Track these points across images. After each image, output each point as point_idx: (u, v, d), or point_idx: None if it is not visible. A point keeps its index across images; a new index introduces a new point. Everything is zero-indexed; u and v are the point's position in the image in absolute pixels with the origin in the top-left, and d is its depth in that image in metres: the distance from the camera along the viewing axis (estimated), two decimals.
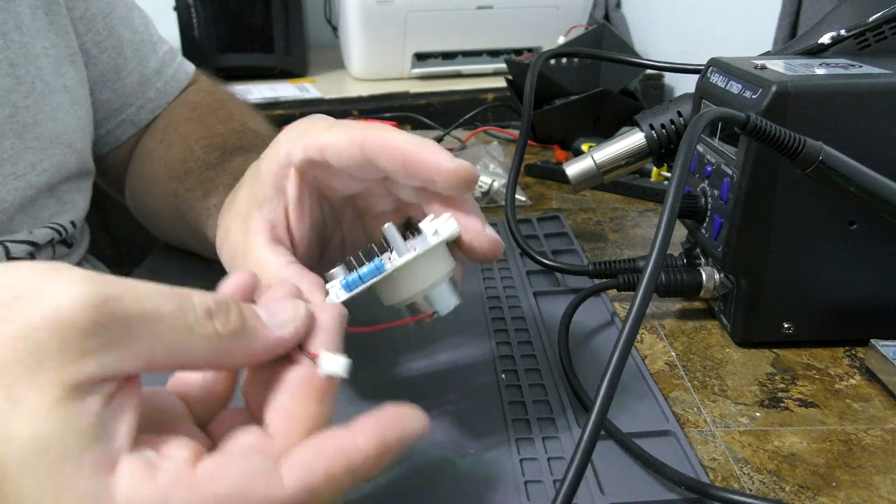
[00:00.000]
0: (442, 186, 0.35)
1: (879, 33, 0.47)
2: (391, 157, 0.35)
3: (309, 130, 0.38)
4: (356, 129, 0.36)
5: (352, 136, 0.36)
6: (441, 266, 0.35)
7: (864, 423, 0.39)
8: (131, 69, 0.62)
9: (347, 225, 0.42)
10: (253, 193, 0.39)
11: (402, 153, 0.35)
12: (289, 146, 0.38)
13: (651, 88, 1.40)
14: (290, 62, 1.48)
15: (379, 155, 0.35)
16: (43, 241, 0.53)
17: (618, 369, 0.30)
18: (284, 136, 0.39)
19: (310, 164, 0.38)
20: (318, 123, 0.38)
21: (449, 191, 0.35)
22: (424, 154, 0.34)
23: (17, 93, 0.50)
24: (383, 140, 0.35)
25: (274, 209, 0.38)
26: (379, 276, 0.33)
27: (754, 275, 0.44)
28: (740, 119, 0.37)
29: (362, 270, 0.33)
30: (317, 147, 0.37)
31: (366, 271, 0.33)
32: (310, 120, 0.39)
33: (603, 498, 0.33)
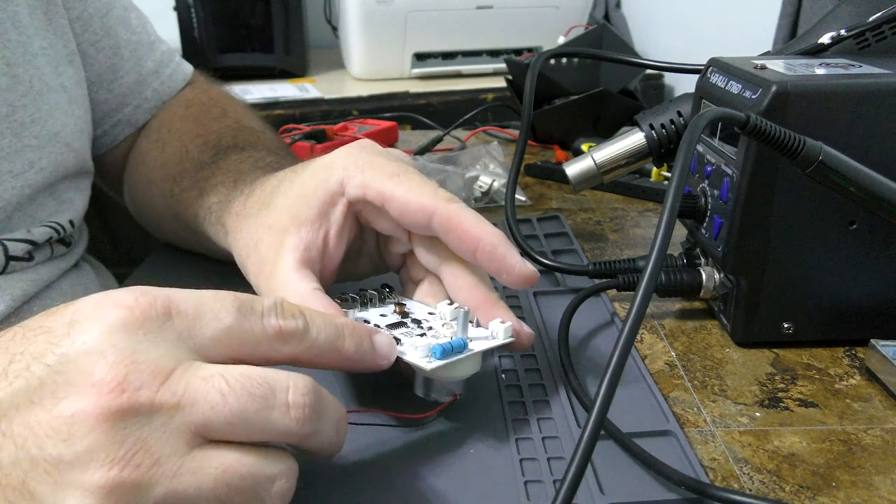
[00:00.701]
0: (506, 282, 0.38)
1: (879, 33, 0.47)
2: (462, 241, 0.37)
3: (371, 168, 0.39)
4: (426, 192, 0.38)
5: (423, 203, 0.37)
6: (479, 364, 0.38)
7: (864, 423, 0.39)
8: (128, 69, 0.62)
9: (365, 238, 0.43)
10: (294, 209, 0.40)
11: (475, 242, 0.37)
12: (344, 175, 0.39)
13: (651, 88, 1.40)
14: (290, 62, 1.48)
15: (449, 233, 0.37)
16: (41, 240, 0.53)
17: (618, 369, 0.30)
18: (340, 162, 0.39)
19: (363, 203, 0.39)
20: (380, 162, 0.39)
21: (512, 286, 0.38)
22: (499, 250, 0.37)
23: (14, 92, 0.50)
24: (456, 221, 0.37)
25: (314, 231, 0.39)
26: (464, 355, 0.36)
27: (754, 275, 0.44)
28: (740, 119, 0.37)
29: (452, 342, 0.35)
30: (380, 194, 0.38)
31: (456, 344, 0.35)
32: (370, 153, 0.40)
33: (603, 498, 0.33)
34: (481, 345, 0.37)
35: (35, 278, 0.53)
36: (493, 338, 0.38)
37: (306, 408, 0.28)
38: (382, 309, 0.40)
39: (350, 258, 0.43)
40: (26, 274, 0.52)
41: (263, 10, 1.45)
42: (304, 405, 0.28)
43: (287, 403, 0.28)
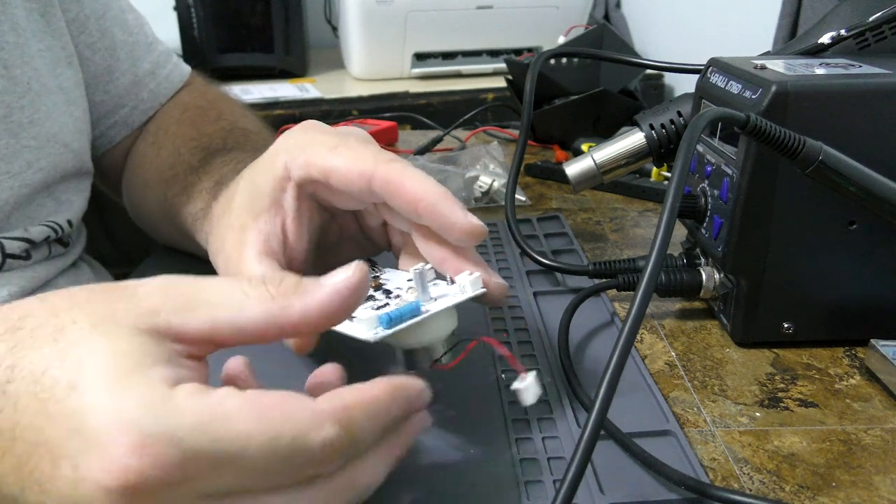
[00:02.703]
0: (452, 239, 0.36)
1: (879, 33, 0.47)
2: (403, 201, 0.36)
3: (310, 145, 0.38)
4: (366, 157, 0.36)
5: (362, 169, 0.36)
6: (454, 319, 0.36)
7: (864, 423, 0.39)
8: (124, 70, 0.62)
9: (343, 221, 0.42)
10: (249, 204, 0.39)
11: (416, 200, 0.35)
12: (288, 159, 0.38)
13: (651, 88, 1.40)
14: (290, 62, 1.48)
15: (390, 195, 0.36)
16: (39, 239, 0.53)
17: (618, 369, 0.30)
18: (283, 147, 0.39)
19: (310, 182, 0.38)
20: (319, 139, 0.38)
21: (458, 243, 0.36)
22: (439, 206, 0.35)
23: (12, 93, 0.50)
24: (396, 182, 0.36)
25: (270, 221, 0.38)
26: (418, 318, 0.33)
27: (754, 275, 0.44)
28: (740, 119, 0.37)
29: (401, 308, 0.33)
30: (321, 169, 0.37)
31: (405, 310, 0.33)
32: (309, 130, 0.39)
33: (603, 498, 0.33)
34: (444, 302, 0.35)
35: (32, 276, 0.53)
36: (462, 292, 0.36)
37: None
38: None
39: (330, 246, 0.42)
40: (24, 272, 0.52)
41: (263, 10, 1.45)
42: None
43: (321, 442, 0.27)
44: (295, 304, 0.28)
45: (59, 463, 0.25)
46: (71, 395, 0.25)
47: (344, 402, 0.27)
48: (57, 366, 0.26)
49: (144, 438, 0.24)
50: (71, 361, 0.26)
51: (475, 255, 0.38)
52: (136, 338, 0.27)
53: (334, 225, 0.42)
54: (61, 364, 0.26)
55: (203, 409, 0.25)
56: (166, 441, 0.24)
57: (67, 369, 0.25)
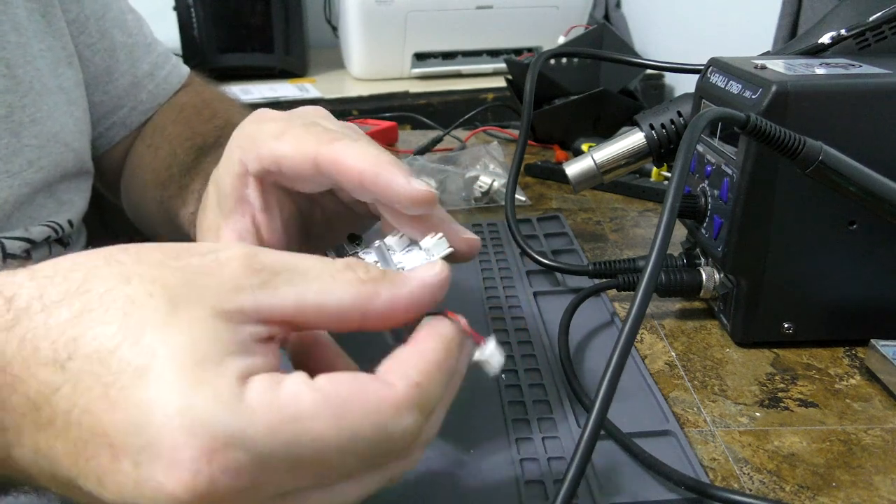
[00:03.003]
0: (401, 208, 0.34)
1: (879, 33, 0.47)
2: (348, 179, 0.34)
3: (259, 136, 0.37)
4: (308, 139, 0.35)
5: (305, 151, 0.35)
6: None
7: (864, 423, 0.39)
8: (123, 71, 0.62)
9: (324, 201, 0.42)
10: (219, 205, 0.39)
11: (359, 176, 0.34)
12: (241, 153, 0.37)
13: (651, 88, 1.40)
14: (290, 62, 1.48)
15: (335, 175, 0.35)
16: (39, 239, 0.53)
17: (618, 369, 0.30)
18: (235, 143, 0.38)
19: (267, 173, 0.37)
20: (267, 128, 0.37)
21: (408, 212, 0.35)
22: (381, 177, 0.33)
23: (14, 93, 0.50)
24: (339, 160, 0.34)
25: (240, 219, 0.38)
26: None
27: (754, 275, 0.44)
28: (740, 119, 0.37)
29: None
30: (271, 159, 0.36)
31: None
32: (258, 121, 0.38)
33: (603, 498, 0.33)
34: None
35: None
36: (429, 257, 0.34)
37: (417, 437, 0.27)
38: None
39: (318, 227, 0.42)
40: None
41: (263, 10, 1.45)
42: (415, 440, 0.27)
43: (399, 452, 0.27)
44: (383, 292, 0.28)
45: (120, 458, 0.23)
46: (138, 384, 0.23)
47: (416, 378, 0.26)
48: (127, 348, 0.23)
49: (214, 442, 0.22)
50: (144, 345, 0.23)
51: (441, 215, 0.36)
52: (217, 323, 0.25)
53: (315, 207, 0.41)
54: (132, 347, 0.23)
55: (276, 410, 0.24)
56: (238, 445, 0.23)
57: (139, 354, 0.23)
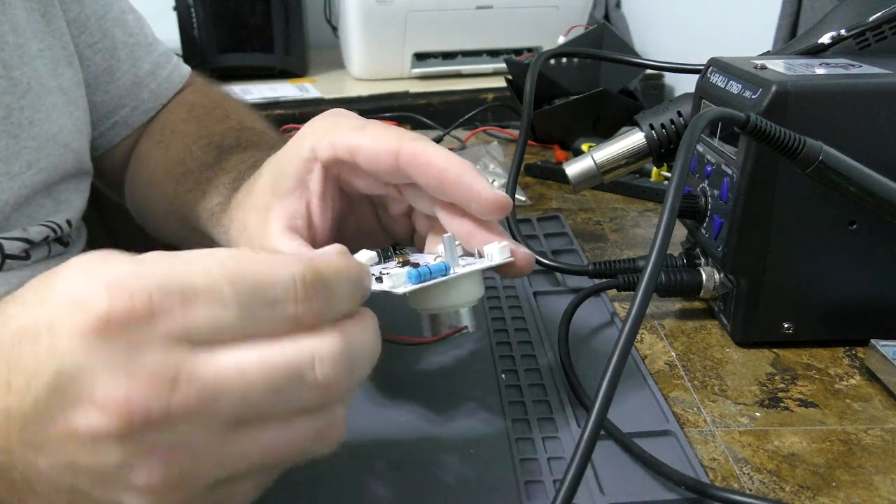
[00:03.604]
0: (476, 211, 0.36)
1: (879, 33, 0.47)
2: (428, 175, 0.36)
3: (336, 127, 0.38)
4: (391, 136, 0.37)
5: (388, 146, 0.36)
6: (480, 287, 0.36)
7: (864, 423, 0.39)
8: (124, 71, 0.62)
9: (361, 214, 0.43)
10: (274, 185, 0.39)
11: (441, 174, 0.35)
12: (314, 141, 0.38)
13: (651, 88, 1.39)
14: (290, 62, 1.48)
15: (415, 169, 0.36)
16: (38, 239, 0.53)
17: (618, 369, 0.30)
18: (309, 130, 0.39)
19: (336, 162, 0.38)
20: (345, 121, 0.39)
21: (482, 216, 0.36)
22: (464, 178, 0.35)
23: (12, 94, 0.50)
24: (422, 156, 0.36)
25: (296, 201, 0.38)
26: (446, 277, 0.34)
27: (754, 275, 0.44)
28: (740, 119, 0.37)
29: (430, 266, 0.34)
30: (347, 148, 0.37)
31: (434, 268, 0.34)
32: (336, 115, 0.40)
33: (603, 498, 0.33)
34: (471, 266, 0.35)
35: (32, 276, 0.52)
36: (490, 260, 0.36)
37: (338, 377, 0.26)
38: (385, 265, 0.38)
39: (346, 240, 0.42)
40: (23, 272, 0.52)
41: (263, 10, 1.45)
42: (335, 375, 0.26)
43: (315, 381, 0.26)
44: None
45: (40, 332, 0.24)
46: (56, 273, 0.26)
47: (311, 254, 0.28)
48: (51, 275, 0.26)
49: (111, 280, 0.24)
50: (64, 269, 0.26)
51: (500, 228, 0.38)
52: None
53: (351, 218, 0.42)
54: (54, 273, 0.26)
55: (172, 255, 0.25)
56: (133, 276, 0.24)
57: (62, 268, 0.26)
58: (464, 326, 0.36)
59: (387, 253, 0.40)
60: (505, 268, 0.36)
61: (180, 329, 0.24)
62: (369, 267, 0.35)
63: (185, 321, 0.24)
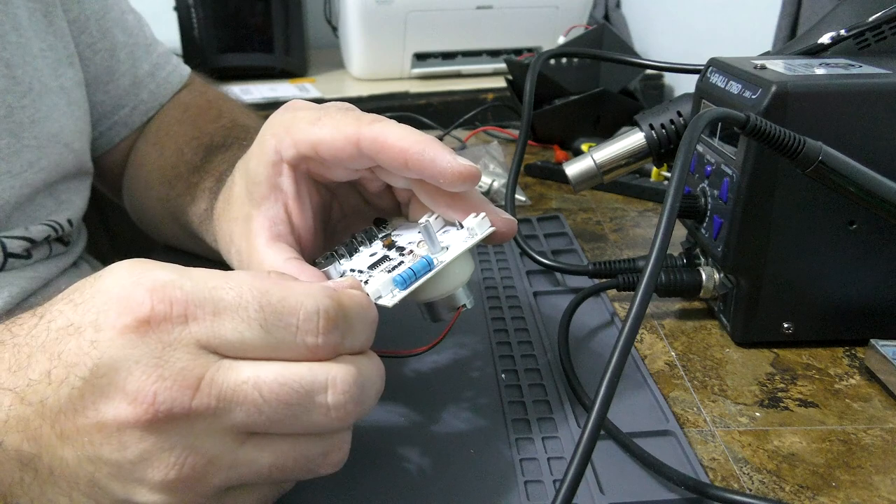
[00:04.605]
0: (446, 185, 0.35)
1: (879, 33, 0.47)
2: (391, 157, 0.35)
3: (293, 123, 0.38)
4: (348, 122, 0.36)
5: (347, 134, 0.36)
6: (469, 263, 0.36)
7: (864, 423, 0.39)
8: (124, 71, 0.62)
9: (343, 198, 0.42)
10: (248, 193, 0.39)
11: (403, 153, 0.35)
12: (276, 142, 0.38)
13: (651, 88, 1.39)
14: (290, 62, 1.48)
15: (377, 154, 0.35)
16: (39, 238, 0.53)
17: (618, 369, 0.30)
18: (269, 131, 0.39)
19: (302, 159, 0.38)
20: (302, 115, 0.38)
21: (452, 189, 0.35)
22: (427, 154, 0.34)
23: (13, 93, 0.50)
24: (381, 139, 0.35)
25: (272, 207, 0.38)
26: (432, 272, 0.33)
27: (754, 275, 0.44)
28: (740, 119, 0.37)
29: (413, 266, 0.33)
30: (308, 143, 0.37)
31: (417, 267, 0.33)
32: (291, 110, 0.39)
33: (603, 498, 0.33)
34: (455, 250, 0.34)
35: (33, 276, 0.53)
36: (472, 236, 0.35)
37: (348, 405, 0.28)
38: (371, 248, 0.38)
39: (335, 224, 0.42)
40: (25, 271, 0.52)
41: (263, 10, 1.45)
42: (346, 403, 0.28)
43: (327, 406, 0.28)
44: None
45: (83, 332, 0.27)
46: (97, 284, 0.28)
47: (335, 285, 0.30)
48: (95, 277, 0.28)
49: (154, 286, 0.27)
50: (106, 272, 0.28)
51: (478, 196, 0.37)
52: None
53: (335, 203, 0.42)
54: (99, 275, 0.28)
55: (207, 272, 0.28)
56: (174, 286, 0.27)
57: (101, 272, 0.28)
58: (462, 305, 0.36)
59: (370, 234, 0.39)
60: (488, 238, 0.36)
61: (208, 337, 0.27)
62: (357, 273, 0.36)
63: (214, 331, 0.27)
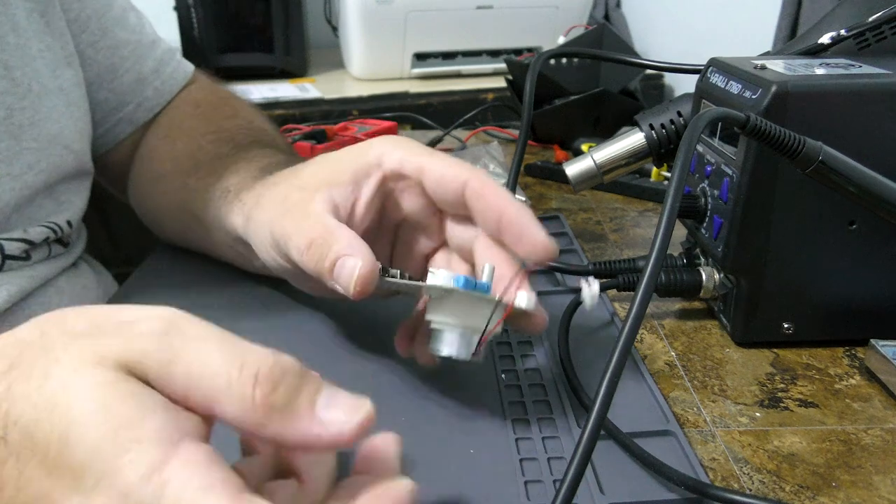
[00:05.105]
0: (524, 252, 0.37)
1: (879, 33, 0.47)
2: (488, 208, 0.38)
3: (407, 146, 0.40)
4: (461, 165, 0.39)
5: (458, 172, 0.38)
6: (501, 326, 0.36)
7: (864, 423, 0.39)
8: (128, 68, 0.62)
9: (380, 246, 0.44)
10: (326, 175, 0.41)
11: (501, 209, 0.37)
12: (382, 151, 0.40)
13: (651, 88, 1.39)
14: (290, 62, 1.48)
15: (478, 201, 0.38)
16: (38, 240, 0.53)
17: (618, 369, 0.30)
18: (379, 141, 0.41)
19: (398, 176, 0.40)
20: (416, 143, 0.41)
21: (529, 257, 0.38)
22: (524, 219, 0.37)
23: (12, 95, 0.50)
24: (488, 189, 0.38)
25: (343, 194, 0.40)
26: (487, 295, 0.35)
27: (754, 275, 0.44)
28: (740, 119, 0.37)
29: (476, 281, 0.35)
30: (417, 165, 0.39)
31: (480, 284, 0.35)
32: (407, 139, 0.41)
33: (603, 498, 0.33)
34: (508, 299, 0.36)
35: (32, 275, 0.53)
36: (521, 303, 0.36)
37: None
38: None
39: None
40: (23, 272, 0.52)
41: (263, 10, 1.45)
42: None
43: None
44: (271, 426, 0.25)
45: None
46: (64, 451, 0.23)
47: None
48: (45, 418, 0.24)
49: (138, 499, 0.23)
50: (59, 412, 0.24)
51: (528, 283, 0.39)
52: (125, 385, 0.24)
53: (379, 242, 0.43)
54: (49, 416, 0.24)
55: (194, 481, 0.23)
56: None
57: (57, 420, 0.24)
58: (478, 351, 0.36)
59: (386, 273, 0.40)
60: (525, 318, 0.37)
61: None
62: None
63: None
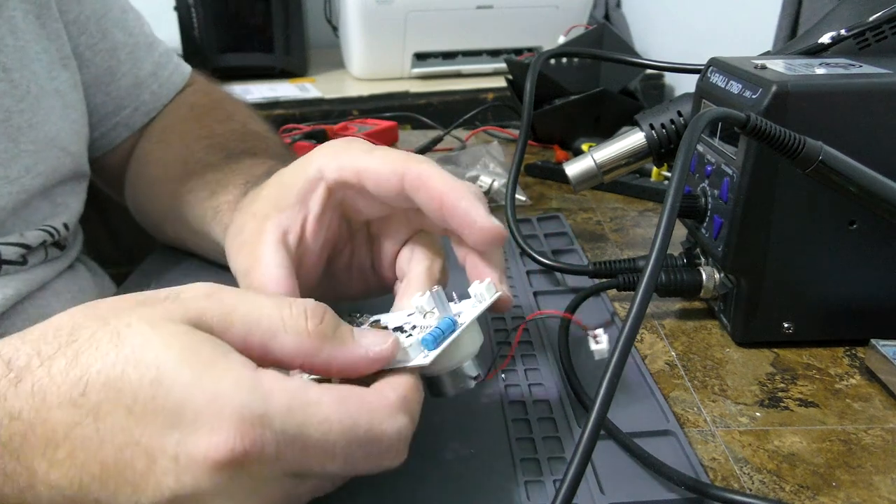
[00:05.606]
0: (470, 240, 0.37)
1: (879, 33, 0.47)
2: (430, 197, 0.37)
3: (346, 151, 0.39)
4: (397, 158, 0.38)
5: (394, 166, 0.37)
6: (480, 333, 0.35)
7: (864, 423, 0.39)
8: (125, 72, 0.62)
9: (357, 247, 0.43)
10: (275, 197, 0.40)
11: (441, 196, 0.36)
12: (322, 162, 0.39)
13: (651, 88, 1.39)
14: (290, 62, 1.48)
15: (418, 191, 0.37)
16: (35, 244, 0.53)
17: (618, 369, 0.30)
18: (319, 152, 0.40)
19: (342, 185, 0.39)
20: (355, 145, 0.40)
21: (475, 245, 0.37)
22: (462, 203, 0.36)
23: (10, 97, 0.50)
24: (425, 177, 0.37)
25: (291, 217, 0.39)
26: (458, 331, 0.33)
27: (754, 275, 0.44)
28: (740, 119, 0.37)
29: (439, 325, 0.32)
30: (354, 170, 0.38)
31: (443, 325, 0.32)
32: (347, 142, 0.41)
33: (603, 498, 0.33)
34: (470, 314, 0.34)
35: (29, 278, 0.53)
36: (480, 301, 0.35)
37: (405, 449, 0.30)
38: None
39: (339, 272, 0.43)
40: (20, 275, 0.52)
41: (263, 10, 1.45)
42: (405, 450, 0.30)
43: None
44: (324, 351, 0.30)
45: (157, 458, 0.26)
46: (158, 392, 0.26)
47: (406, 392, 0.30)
48: (131, 370, 0.26)
49: (244, 419, 0.26)
50: (145, 361, 0.26)
51: (499, 260, 0.38)
52: (198, 333, 0.28)
53: (346, 250, 0.43)
54: (136, 367, 0.26)
55: (290, 394, 0.27)
56: (264, 423, 0.26)
57: (145, 368, 0.26)
58: (476, 375, 0.35)
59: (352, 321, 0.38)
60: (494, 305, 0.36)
61: (294, 470, 0.28)
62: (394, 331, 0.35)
63: (300, 466, 0.28)
